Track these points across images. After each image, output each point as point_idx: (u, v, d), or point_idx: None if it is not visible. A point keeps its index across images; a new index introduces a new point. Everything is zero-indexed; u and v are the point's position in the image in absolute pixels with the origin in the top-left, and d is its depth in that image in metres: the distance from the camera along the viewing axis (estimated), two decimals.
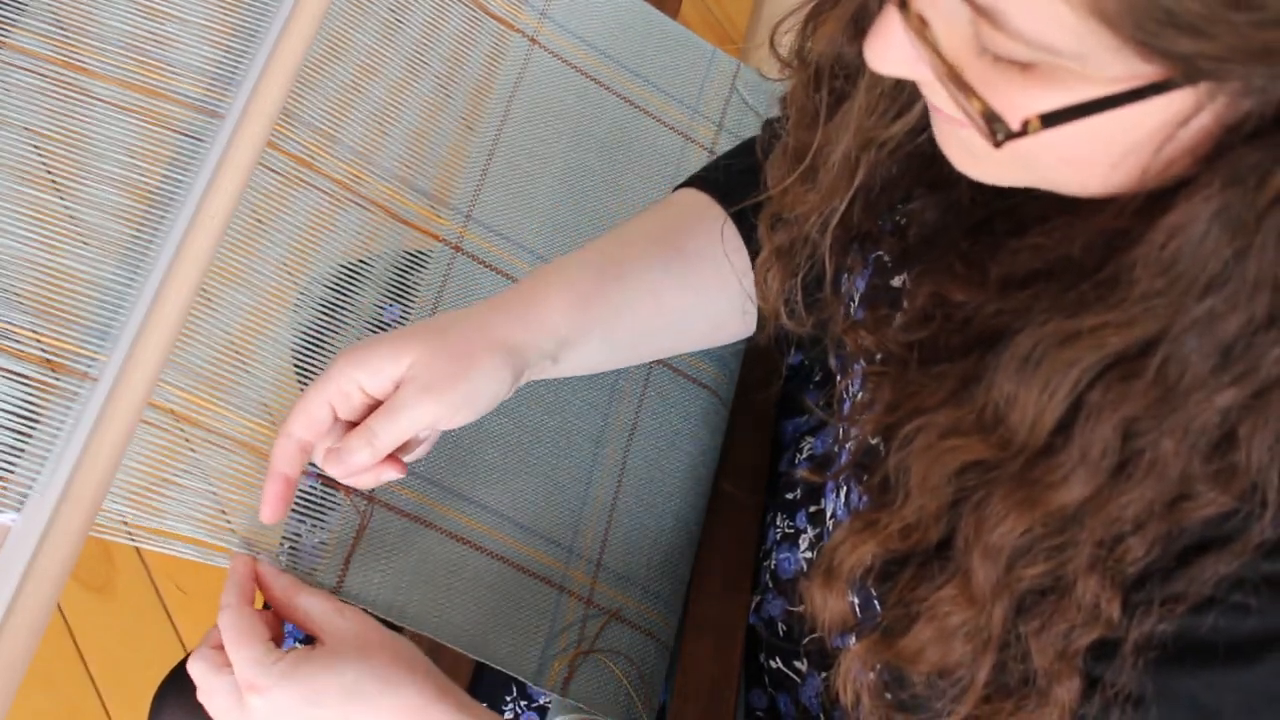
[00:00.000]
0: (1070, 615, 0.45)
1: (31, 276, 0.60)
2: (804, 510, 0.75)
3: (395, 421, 0.58)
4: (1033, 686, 0.47)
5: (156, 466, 0.60)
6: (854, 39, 0.51)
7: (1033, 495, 0.43)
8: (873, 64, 0.42)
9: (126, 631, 1.46)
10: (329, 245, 0.69)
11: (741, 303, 0.69)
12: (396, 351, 0.59)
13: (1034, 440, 0.43)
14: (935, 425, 0.46)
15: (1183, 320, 0.38)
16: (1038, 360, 0.42)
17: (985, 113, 0.38)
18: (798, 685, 0.73)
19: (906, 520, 0.48)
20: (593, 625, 0.70)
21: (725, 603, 0.75)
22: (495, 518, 0.69)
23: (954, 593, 0.47)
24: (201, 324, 0.63)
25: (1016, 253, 0.46)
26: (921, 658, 0.49)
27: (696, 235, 0.67)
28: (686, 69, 0.86)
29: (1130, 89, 0.35)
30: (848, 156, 0.53)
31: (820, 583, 0.53)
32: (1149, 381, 0.39)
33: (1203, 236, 0.37)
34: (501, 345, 0.60)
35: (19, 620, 0.54)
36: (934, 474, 0.46)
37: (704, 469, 0.77)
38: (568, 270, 0.64)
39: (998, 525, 0.44)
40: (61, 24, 0.65)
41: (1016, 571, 0.45)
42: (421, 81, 0.74)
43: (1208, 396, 0.39)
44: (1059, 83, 0.36)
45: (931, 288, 0.50)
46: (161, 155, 0.65)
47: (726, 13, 1.90)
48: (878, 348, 0.53)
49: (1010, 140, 0.38)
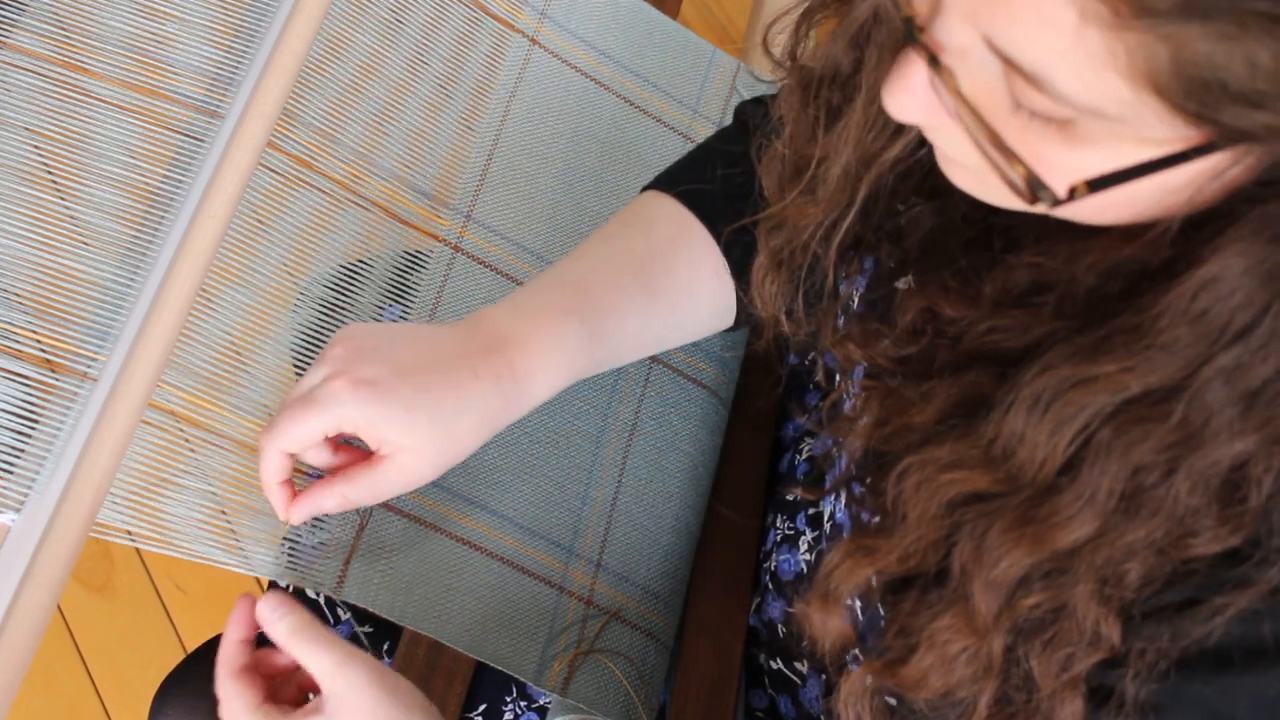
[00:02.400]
0: (1071, 640, 0.45)
1: (31, 276, 0.60)
2: (804, 512, 0.75)
3: (373, 496, 0.60)
4: (1036, 709, 0.47)
5: (156, 467, 0.60)
6: (850, 52, 0.51)
7: (1036, 533, 0.43)
8: (893, 112, 0.41)
9: (126, 631, 1.46)
10: (329, 245, 0.69)
11: (722, 313, 0.70)
12: (409, 425, 0.58)
13: (1041, 478, 0.42)
14: (935, 459, 0.46)
15: (1209, 369, 0.38)
16: (1049, 401, 0.41)
17: (1029, 179, 0.37)
18: (798, 687, 0.73)
19: (904, 548, 0.48)
20: (592, 626, 0.70)
21: (725, 603, 0.75)
22: (495, 518, 0.69)
23: (954, 621, 0.47)
24: (201, 324, 0.63)
25: (1012, 270, 0.46)
26: (924, 685, 0.49)
27: (675, 269, 0.67)
28: (686, 69, 0.86)
29: (1175, 152, 0.35)
30: (847, 172, 0.52)
31: (818, 606, 0.53)
32: (1170, 426, 0.39)
33: (1234, 289, 0.37)
34: (490, 425, 0.61)
35: (19, 620, 0.54)
36: (932, 505, 0.46)
37: (703, 469, 0.77)
38: (551, 338, 0.63)
39: (999, 560, 0.44)
40: (62, 24, 0.65)
41: (1016, 601, 0.45)
42: (421, 81, 0.74)
43: (1228, 441, 0.38)
44: (1101, 143, 0.36)
45: (923, 303, 0.50)
46: (161, 155, 0.65)
47: (726, 13, 1.90)
48: (866, 361, 0.53)
49: (1056, 206, 0.37)
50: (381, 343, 0.60)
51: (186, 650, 1.46)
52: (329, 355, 0.60)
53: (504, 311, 0.63)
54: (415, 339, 0.61)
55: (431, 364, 0.60)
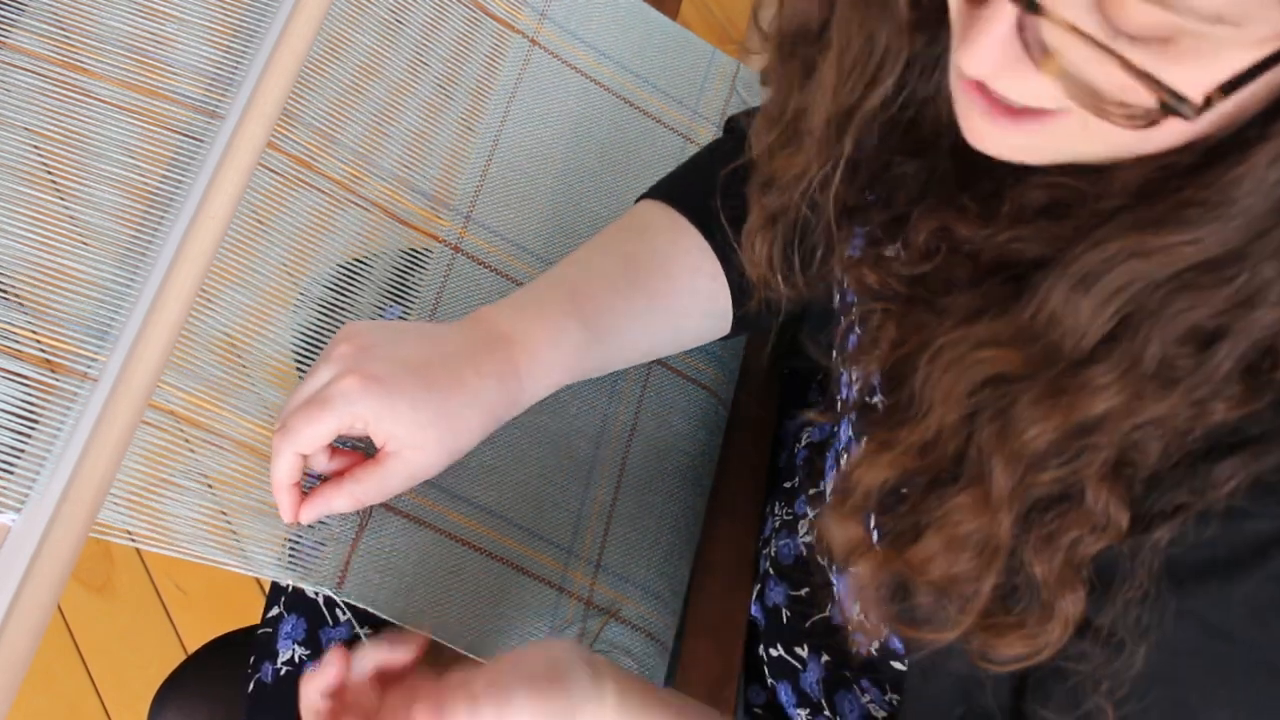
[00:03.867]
0: (1079, 523, 0.45)
1: (31, 276, 0.60)
2: (803, 495, 0.75)
3: (382, 493, 0.61)
4: (1037, 599, 0.47)
5: (156, 467, 0.60)
6: (821, 8, 0.51)
7: (1069, 401, 0.43)
8: (971, 67, 0.41)
9: (126, 631, 1.46)
10: (329, 245, 0.69)
11: (718, 319, 0.71)
12: (415, 421, 0.59)
13: (1078, 351, 0.43)
14: (970, 336, 0.46)
15: (1270, 238, 0.39)
16: (1099, 275, 0.42)
17: (1168, 94, 0.37)
18: (799, 672, 0.73)
19: (925, 435, 0.48)
20: (592, 625, 0.70)
21: (725, 602, 0.75)
22: (495, 518, 0.69)
23: (968, 500, 0.47)
24: (201, 324, 0.63)
25: (1032, 189, 0.46)
26: (930, 566, 0.49)
27: (672, 274, 0.68)
28: (686, 69, 0.86)
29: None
30: (829, 122, 0.52)
31: (835, 507, 0.53)
32: (1225, 295, 0.40)
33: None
34: (494, 420, 0.63)
35: (19, 620, 0.54)
36: (961, 384, 0.46)
37: (703, 469, 0.77)
38: (551, 336, 0.64)
39: (1025, 430, 0.44)
40: (61, 24, 0.65)
41: (1033, 476, 0.45)
42: (421, 82, 0.74)
43: (1274, 309, 0.39)
44: (1205, 54, 0.36)
45: (936, 223, 0.50)
46: (161, 155, 0.65)
47: (726, 13, 1.90)
48: (880, 284, 0.53)
49: (1195, 117, 0.37)
50: (385, 340, 0.61)
51: (186, 650, 1.46)
52: (334, 354, 0.60)
53: (504, 311, 0.64)
54: (418, 337, 0.62)
55: (435, 361, 0.60)
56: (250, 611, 1.44)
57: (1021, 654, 0.48)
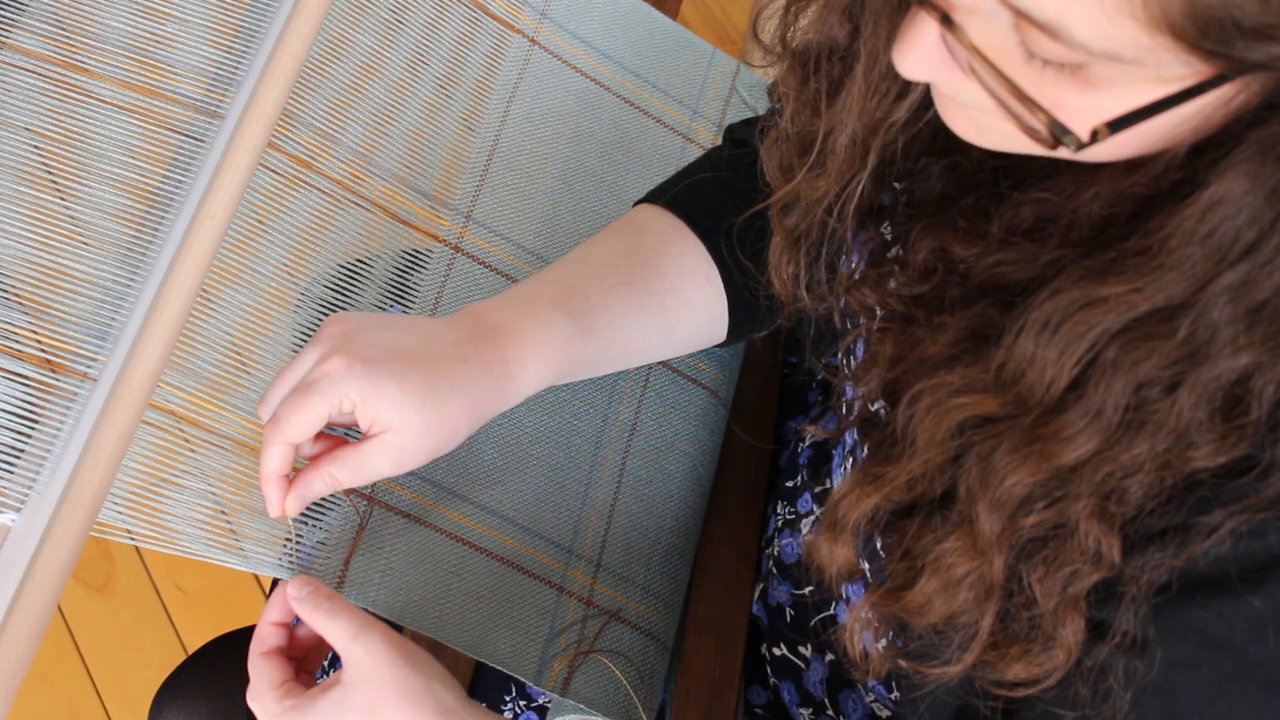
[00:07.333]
0: (1072, 559, 0.46)
1: (31, 276, 0.60)
2: (808, 494, 0.75)
3: (359, 476, 0.60)
4: (1038, 630, 0.48)
5: (156, 467, 0.60)
6: (845, 24, 0.52)
7: (1042, 450, 0.44)
8: (905, 72, 0.42)
9: (126, 631, 1.46)
10: (329, 245, 0.69)
11: (713, 323, 0.70)
12: (399, 403, 0.58)
13: (1048, 398, 0.44)
14: (946, 383, 0.47)
15: (1215, 286, 0.39)
16: (1059, 323, 0.42)
17: (1052, 125, 0.38)
18: (802, 671, 0.73)
19: (912, 473, 0.49)
20: (592, 625, 0.70)
21: (726, 602, 0.75)
22: (495, 518, 0.69)
23: (959, 544, 0.47)
24: (201, 324, 0.63)
25: (1019, 205, 0.47)
26: (928, 610, 0.49)
27: (665, 274, 0.68)
28: (686, 69, 0.86)
29: (1188, 87, 0.36)
30: (854, 140, 0.53)
31: (826, 535, 0.53)
32: (1176, 343, 0.40)
33: (1240, 208, 0.38)
34: (481, 410, 0.61)
35: (19, 620, 0.54)
36: (941, 428, 0.47)
37: (703, 469, 0.78)
38: (540, 328, 0.63)
39: (1005, 478, 0.45)
40: (61, 24, 0.65)
41: (1019, 520, 0.46)
42: (421, 82, 0.74)
43: (1231, 355, 0.40)
44: (1115, 84, 0.37)
45: (933, 243, 0.51)
46: (161, 155, 0.65)
47: (726, 13, 1.90)
48: (879, 304, 0.54)
49: (1081, 150, 0.38)
50: (374, 326, 0.61)
51: (186, 650, 1.46)
52: (322, 335, 0.60)
53: (494, 305, 0.64)
54: (407, 325, 0.62)
55: (423, 347, 0.60)
56: (250, 611, 1.44)
57: (1025, 678, 0.48)
